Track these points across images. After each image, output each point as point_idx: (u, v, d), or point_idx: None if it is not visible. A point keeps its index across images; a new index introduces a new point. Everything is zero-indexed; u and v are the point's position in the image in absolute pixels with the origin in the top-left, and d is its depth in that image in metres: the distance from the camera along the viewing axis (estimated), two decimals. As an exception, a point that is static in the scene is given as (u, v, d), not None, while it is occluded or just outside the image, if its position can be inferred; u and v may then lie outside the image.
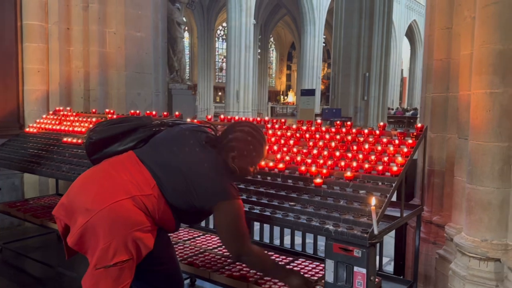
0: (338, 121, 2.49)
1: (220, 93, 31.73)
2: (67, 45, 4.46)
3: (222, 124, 2.97)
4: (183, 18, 10.83)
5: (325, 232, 1.73)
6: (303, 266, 2.39)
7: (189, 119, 2.77)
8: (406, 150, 2.06)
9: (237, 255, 1.81)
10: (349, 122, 2.49)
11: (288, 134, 2.52)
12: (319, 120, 2.63)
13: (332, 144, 2.27)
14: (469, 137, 2.26)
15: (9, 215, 3.57)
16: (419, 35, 31.94)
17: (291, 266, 2.38)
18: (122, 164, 1.76)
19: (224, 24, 28.19)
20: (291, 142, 2.43)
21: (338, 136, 2.33)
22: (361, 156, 2.13)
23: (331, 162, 2.14)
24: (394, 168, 1.96)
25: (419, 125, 2.23)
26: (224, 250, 2.63)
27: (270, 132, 2.59)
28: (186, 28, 27.49)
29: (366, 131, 2.32)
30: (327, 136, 2.37)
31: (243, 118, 2.98)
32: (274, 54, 39.64)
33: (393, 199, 1.95)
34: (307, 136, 2.44)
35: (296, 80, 32.95)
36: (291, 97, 37.18)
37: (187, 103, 9.91)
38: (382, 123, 2.42)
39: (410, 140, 2.12)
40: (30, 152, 3.33)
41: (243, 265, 2.38)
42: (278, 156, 2.32)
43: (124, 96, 4.71)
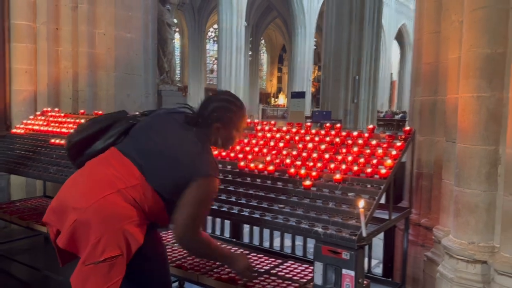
0: (328, 124, 2.50)
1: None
2: (56, 46, 4.40)
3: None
4: (174, 20, 10.82)
5: (314, 235, 1.73)
6: (292, 269, 2.38)
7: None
8: (395, 153, 2.07)
9: (186, 239, 1.71)
10: (339, 125, 2.50)
11: (278, 136, 2.52)
12: (309, 123, 2.63)
13: (322, 147, 2.28)
14: (457, 140, 2.29)
15: (-5, 217, 3.51)
16: (409, 39, 32.21)
17: (280, 269, 2.38)
18: (106, 160, 1.76)
19: (215, 26, 28.13)
20: (281, 145, 2.43)
21: (328, 139, 2.34)
22: (350, 159, 2.13)
23: (321, 165, 2.15)
24: (383, 171, 1.97)
25: (408, 128, 2.25)
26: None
27: (260, 134, 2.59)
28: (177, 30, 27.41)
29: (355, 134, 2.33)
30: (317, 139, 2.38)
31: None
32: (265, 57, 39.68)
33: (382, 202, 1.96)
34: (297, 139, 2.45)
35: (287, 83, 33.03)
36: (282, 100, 37.23)
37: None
38: (371, 126, 2.43)
39: (399, 143, 2.14)
40: (17, 153, 3.29)
41: (232, 268, 2.37)
42: (268, 158, 2.32)
43: (113, 98, 4.67)
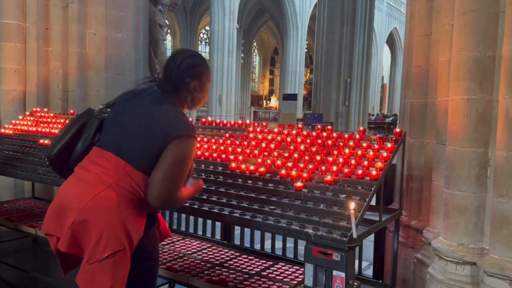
0: (319, 126, 2.50)
1: (203, 97, 31.54)
2: (46, 46, 4.36)
3: (203, 128, 2.96)
4: (166, 21, 10.77)
5: (305, 236, 1.73)
6: (283, 271, 2.38)
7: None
8: (385, 155, 2.08)
9: (161, 200, 1.66)
10: (330, 126, 2.50)
11: (269, 138, 2.51)
12: (301, 125, 2.64)
13: (313, 148, 2.28)
14: (447, 143, 2.30)
15: (-18, 219, 3.46)
16: (400, 43, 32.49)
17: (271, 271, 2.38)
18: (90, 160, 1.75)
19: (207, 28, 28.13)
20: (272, 146, 2.42)
21: (319, 140, 2.34)
22: (341, 160, 2.14)
23: (312, 166, 2.14)
24: (374, 173, 1.98)
25: (398, 130, 2.26)
26: (204, 255, 2.61)
27: (252, 136, 2.59)
28: (169, 31, 27.35)
29: (346, 136, 2.34)
30: (308, 140, 2.38)
31: (225, 121, 2.96)
32: (257, 59, 39.74)
33: (372, 203, 1.97)
34: (288, 140, 2.44)
35: (279, 85, 33.09)
36: (274, 102, 37.30)
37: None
38: (362, 128, 2.44)
39: (389, 145, 2.14)
40: (5, 154, 3.24)
41: (223, 270, 2.36)
42: (259, 160, 2.32)
43: (104, 98, 4.62)
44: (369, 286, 2.33)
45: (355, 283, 1.87)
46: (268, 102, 38.82)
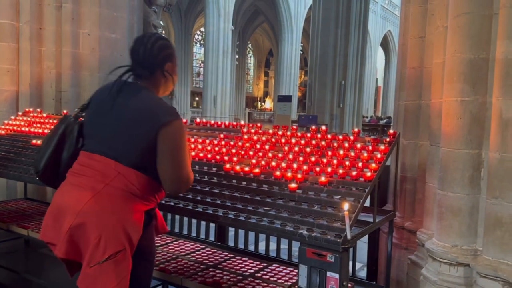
0: (314, 127, 2.50)
1: (197, 98, 31.52)
2: (39, 45, 4.33)
3: (198, 129, 2.95)
4: (160, 22, 10.75)
5: (299, 237, 1.73)
6: (277, 272, 2.37)
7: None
8: (380, 156, 2.08)
9: (179, 191, 1.72)
10: (324, 127, 2.50)
11: (264, 139, 2.51)
12: (295, 126, 2.64)
13: (307, 150, 2.28)
14: (441, 144, 2.31)
15: (-27, 220, 3.43)
16: (394, 45, 32.63)
17: (265, 272, 2.37)
18: (81, 165, 1.74)
19: (202, 29, 28.08)
20: (267, 147, 2.42)
21: (314, 142, 2.34)
22: (336, 162, 2.14)
23: (306, 167, 2.14)
24: (368, 174, 1.98)
25: (392, 132, 2.26)
26: (198, 256, 2.60)
27: (246, 137, 2.58)
28: (163, 32, 27.26)
29: (341, 137, 2.34)
30: (303, 142, 2.38)
31: (219, 122, 2.95)
32: (252, 60, 39.75)
33: (366, 205, 1.97)
34: (283, 141, 2.44)
35: (274, 87, 33.11)
36: (269, 104, 37.31)
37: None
38: (357, 129, 2.44)
39: (383, 147, 2.15)
40: (-3, 154, 3.21)
41: (217, 272, 2.35)
42: (254, 161, 2.31)
43: (98, 99, 4.60)
44: (363, 288, 2.34)
45: (349, 285, 1.87)
46: (263, 104, 38.83)
